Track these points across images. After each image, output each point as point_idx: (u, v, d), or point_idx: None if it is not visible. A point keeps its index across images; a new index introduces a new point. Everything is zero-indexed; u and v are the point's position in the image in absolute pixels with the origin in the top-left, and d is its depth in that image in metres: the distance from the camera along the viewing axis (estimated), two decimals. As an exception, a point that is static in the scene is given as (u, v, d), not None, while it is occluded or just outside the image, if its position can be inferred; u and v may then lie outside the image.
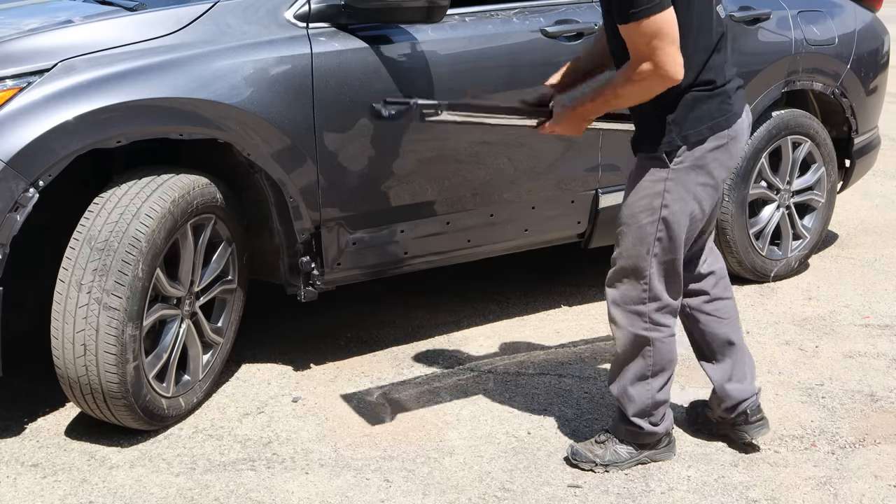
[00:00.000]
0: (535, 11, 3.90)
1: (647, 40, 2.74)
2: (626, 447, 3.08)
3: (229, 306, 3.52)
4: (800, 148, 4.71)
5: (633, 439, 3.08)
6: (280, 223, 3.48)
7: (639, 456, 3.09)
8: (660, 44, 2.74)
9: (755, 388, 3.18)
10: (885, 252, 5.25)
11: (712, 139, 2.90)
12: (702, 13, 2.88)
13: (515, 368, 3.78)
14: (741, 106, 3.00)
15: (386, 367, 3.79)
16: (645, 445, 3.09)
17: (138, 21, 3.25)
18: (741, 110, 2.99)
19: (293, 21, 3.39)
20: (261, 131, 3.27)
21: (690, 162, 2.91)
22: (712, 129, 2.90)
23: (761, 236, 4.69)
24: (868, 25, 4.97)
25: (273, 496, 2.91)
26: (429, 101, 3.03)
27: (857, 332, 4.17)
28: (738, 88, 3.01)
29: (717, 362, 3.18)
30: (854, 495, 2.95)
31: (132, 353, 3.03)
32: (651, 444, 3.09)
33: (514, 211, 3.94)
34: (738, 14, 4.42)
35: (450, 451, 3.17)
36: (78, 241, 3.01)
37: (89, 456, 3.11)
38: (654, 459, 3.11)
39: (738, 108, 2.98)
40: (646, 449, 3.09)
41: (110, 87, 3.03)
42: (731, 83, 2.96)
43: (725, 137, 2.93)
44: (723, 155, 2.94)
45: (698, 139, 2.90)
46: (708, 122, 2.90)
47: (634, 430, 3.07)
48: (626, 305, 3.00)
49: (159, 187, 3.10)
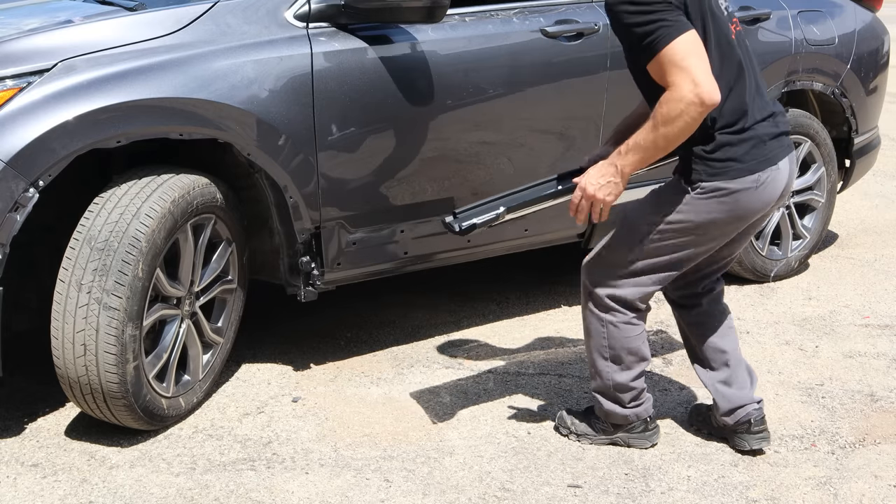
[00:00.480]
0: (535, 11, 3.89)
1: (676, 65, 2.67)
2: (601, 424, 3.17)
3: (229, 306, 3.52)
4: (800, 148, 4.71)
5: (603, 417, 3.16)
6: (280, 223, 3.48)
7: (612, 435, 3.17)
8: (689, 65, 2.66)
9: (756, 397, 3.17)
10: (885, 252, 5.25)
11: (739, 181, 2.84)
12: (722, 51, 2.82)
13: (515, 368, 3.78)
14: (780, 154, 2.91)
15: (386, 367, 3.79)
16: (618, 426, 3.15)
17: (138, 21, 3.24)
18: (778, 158, 2.90)
19: (293, 21, 3.39)
20: (261, 131, 3.27)
21: (711, 196, 2.86)
22: (740, 172, 2.84)
23: (761, 236, 4.69)
24: (868, 25, 4.98)
25: (273, 496, 2.91)
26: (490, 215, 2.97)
27: (857, 332, 4.17)
28: (778, 136, 2.92)
29: (709, 369, 3.19)
30: (854, 495, 2.95)
31: (132, 353, 3.03)
32: (623, 425, 3.15)
33: (513, 211, 3.93)
34: (737, 14, 4.41)
35: (450, 451, 3.17)
36: (78, 241, 3.01)
37: (89, 456, 3.11)
38: (628, 443, 3.17)
39: (775, 154, 2.89)
40: (620, 430, 3.16)
41: (110, 87, 3.03)
42: (763, 125, 2.88)
43: (754, 182, 2.86)
44: (749, 197, 2.87)
45: (725, 177, 2.84)
46: (737, 163, 2.83)
47: (599, 406, 3.15)
48: (589, 285, 3.07)
49: (159, 187, 3.10)
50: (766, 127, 2.89)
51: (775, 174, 2.89)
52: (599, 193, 2.82)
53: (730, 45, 2.86)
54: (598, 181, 2.82)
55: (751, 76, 2.91)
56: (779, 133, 2.92)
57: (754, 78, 2.93)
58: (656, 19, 2.69)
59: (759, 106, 2.90)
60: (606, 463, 3.11)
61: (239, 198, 3.44)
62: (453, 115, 3.68)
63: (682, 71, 2.66)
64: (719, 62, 2.81)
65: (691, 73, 2.66)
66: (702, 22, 2.79)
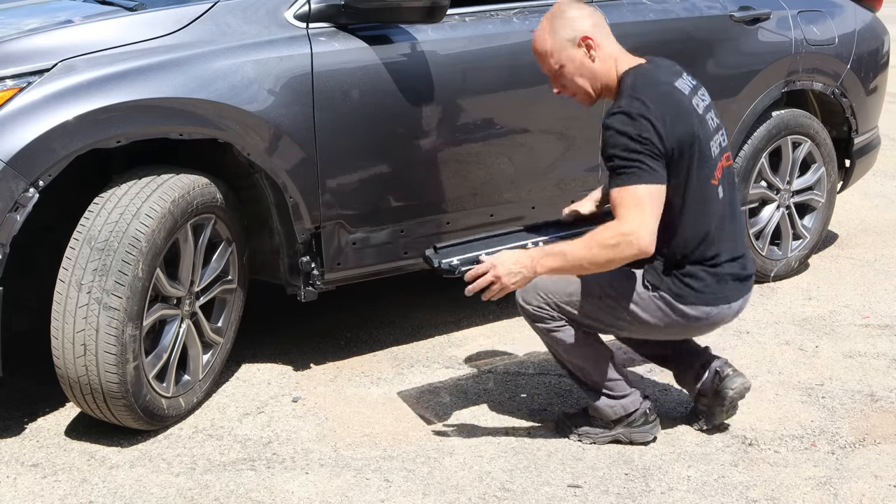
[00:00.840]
0: (535, 11, 3.89)
1: (635, 206, 2.83)
2: (599, 421, 3.21)
3: (229, 306, 3.52)
4: (800, 148, 4.71)
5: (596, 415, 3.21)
6: (280, 223, 3.48)
7: (613, 431, 3.20)
8: (644, 212, 2.83)
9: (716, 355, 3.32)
10: (885, 252, 5.25)
11: (693, 308, 3.02)
12: (702, 195, 2.98)
13: (515, 368, 3.78)
14: (737, 295, 3.07)
15: (386, 367, 3.79)
16: (616, 422, 3.18)
17: (138, 21, 3.25)
18: (734, 299, 3.06)
19: (293, 21, 3.39)
20: (261, 131, 3.27)
21: (660, 303, 3.03)
22: (696, 300, 3.02)
23: (761, 236, 4.69)
24: (868, 25, 4.97)
25: (273, 496, 2.91)
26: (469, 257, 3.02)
27: (857, 332, 4.17)
28: (744, 279, 3.08)
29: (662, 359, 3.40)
30: (854, 495, 2.95)
31: (132, 353, 3.03)
32: (619, 420, 3.18)
33: (514, 211, 3.93)
34: (738, 14, 4.42)
35: (450, 451, 3.17)
36: (78, 241, 3.01)
37: (89, 456, 3.11)
38: (630, 438, 3.19)
39: (733, 295, 3.06)
40: (619, 426, 3.19)
41: (110, 87, 3.03)
42: (732, 265, 3.05)
43: (704, 314, 3.04)
44: (693, 321, 3.06)
45: (680, 299, 3.01)
46: (695, 293, 3.01)
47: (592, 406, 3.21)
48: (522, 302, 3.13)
49: (159, 187, 3.10)
50: (733, 268, 3.05)
51: (726, 312, 3.08)
52: (506, 279, 2.87)
53: (711, 189, 3.00)
54: (511, 268, 2.87)
55: (729, 218, 3.06)
56: (745, 276, 3.09)
57: (734, 220, 3.10)
58: (637, 158, 2.84)
59: (730, 247, 3.06)
60: (606, 463, 3.11)
61: (239, 198, 3.44)
62: (453, 115, 3.68)
63: (637, 213, 2.82)
64: (698, 205, 2.97)
65: (643, 220, 2.81)
66: (686, 170, 2.94)
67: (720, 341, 4.03)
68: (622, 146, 2.85)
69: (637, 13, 4.13)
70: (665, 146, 2.87)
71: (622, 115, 2.88)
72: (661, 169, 2.87)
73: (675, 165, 2.91)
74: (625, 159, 2.85)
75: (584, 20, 3.03)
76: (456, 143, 3.72)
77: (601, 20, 3.08)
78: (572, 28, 3.03)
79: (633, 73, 3.01)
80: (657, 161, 2.86)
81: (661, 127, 2.87)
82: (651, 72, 3.02)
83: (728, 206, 3.07)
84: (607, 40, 3.05)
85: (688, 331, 3.15)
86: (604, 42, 3.04)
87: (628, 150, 2.85)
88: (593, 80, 3.06)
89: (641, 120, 2.86)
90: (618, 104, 2.93)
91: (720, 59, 4.36)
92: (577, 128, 4.01)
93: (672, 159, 2.90)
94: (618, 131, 2.87)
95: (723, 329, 4.13)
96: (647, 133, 2.85)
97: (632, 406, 3.17)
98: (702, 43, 4.31)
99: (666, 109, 2.90)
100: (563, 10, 3.07)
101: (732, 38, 4.40)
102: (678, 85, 3.01)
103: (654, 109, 2.88)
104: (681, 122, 2.91)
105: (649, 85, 2.95)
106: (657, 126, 2.86)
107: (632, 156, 2.84)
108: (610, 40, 3.06)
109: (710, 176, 2.99)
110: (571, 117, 3.98)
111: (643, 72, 3.01)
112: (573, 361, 3.17)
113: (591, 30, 3.02)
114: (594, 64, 3.03)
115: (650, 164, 2.84)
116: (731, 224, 3.08)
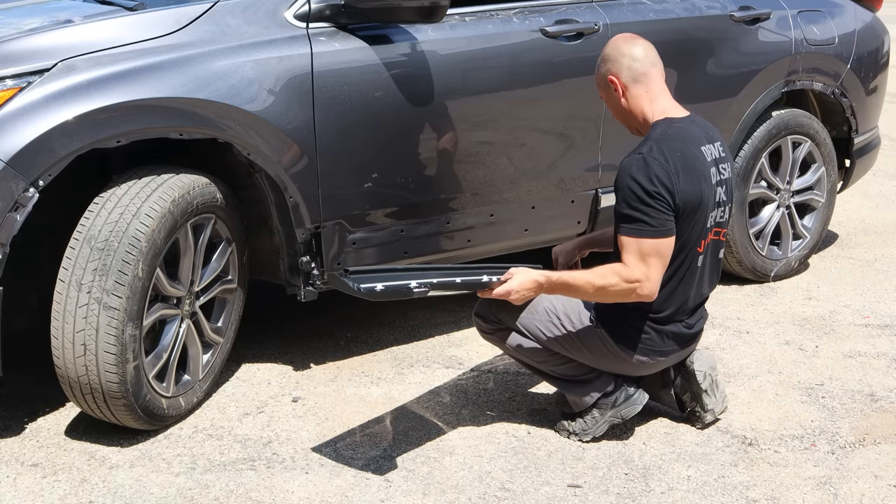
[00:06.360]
0: (535, 11, 3.90)
1: (641, 256, 2.92)
2: (588, 413, 3.24)
3: (229, 306, 3.52)
4: (800, 148, 4.71)
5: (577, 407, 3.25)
6: (280, 223, 3.48)
7: (604, 418, 3.22)
8: (650, 263, 2.92)
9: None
10: (885, 252, 5.25)
11: (624, 349, 3.11)
12: (684, 258, 3.06)
13: (515, 368, 3.78)
14: (673, 351, 3.16)
15: (386, 367, 3.79)
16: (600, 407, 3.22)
17: (138, 21, 3.25)
18: (669, 353, 3.16)
19: (293, 21, 3.39)
20: (261, 131, 3.27)
21: (599, 333, 3.11)
22: (631, 346, 3.11)
23: (761, 236, 4.69)
24: (868, 25, 4.97)
25: (273, 496, 2.91)
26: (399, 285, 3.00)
27: (857, 332, 4.17)
28: (688, 339, 3.18)
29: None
30: (854, 495, 2.95)
31: (132, 352, 3.03)
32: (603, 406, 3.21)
33: (514, 211, 3.94)
34: (738, 14, 4.42)
35: (450, 451, 3.18)
36: (78, 241, 3.01)
37: (89, 456, 3.11)
38: (622, 416, 3.23)
39: (670, 350, 3.16)
40: (606, 410, 3.22)
41: (110, 86, 3.03)
42: (679, 326, 3.13)
43: (636, 361, 3.14)
44: (623, 363, 3.15)
45: (619, 340, 3.11)
46: (633, 341, 3.10)
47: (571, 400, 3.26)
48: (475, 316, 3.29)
49: (159, 187, 3.10)
50: (680, 328, 3.14)
51: (659, 362, 3.18)
52: (514, 296, 2.98)
53: (693, 255, 3.07)
54: (520, 290, 2.97)
55: (696, 282, 3.12)
56: (688, 337, 3.18)
57: (700, 283, 3.14)
58: (648, 212, 2.91)
59: (688, 309, 3.14)
60: (606, 463, 3.11)
61: (239, 198, 3.44)
62: (453, 115, 3.68)
63: (643, 263, 2.92)
64: (676, 266, 3.04)
65: (649, 270, 2.92)
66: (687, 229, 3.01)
67: (720, 341, 4.03)
68: (633, 196, 2.92)
69: (637, 13, 4.13)
70: (675, 201, 2.94)
71: (639, 159, 2.95)
72: (670, 221, 2.94)
73: (679, 220, 2.98)
74: (636, 209, 2.92)
75: (619, 59, 3.09)
76: (456, 143, 3.72)
77: (646, 61, 3.09)
78: (606, 65, 3.12)
79: (665, 123, 3.06)
80: (667, 216, 2.93)
81: (673, 181, 2.93)
82: (682, 129, 3.06)
83: (699, 273, 3.12)
84: (641, 86, 3.08)
85: (620, 371, 3.21)
86: (632, 86, 3.08)
87: (639, 201, 2.91)
88: (626, 119, 3.16)
89: (656, 168, 2.91)
90: (640, 147, 2.99)
91: (720, 58, 4.36)
92: (577, 128, 4.01)
93: (678, 215, 2.97)
94: (631, 177, 2.93)
95: (723, 329, 4.15)
96: (658, 185, 2.91)
97: (604, 385, 3.21)
98: (702, 43, 4.31)
99: (681, 167, 2.96)
100: (610, 43, 3.16)
101: (732, 38, 4.40)
102: (704, 150, 3.05)
103: (671, 164, 2.94)
104: (690, 184, 2.97)
105: (675, 139, 3.00)
106: (669, 179, 2.92)
107: (644, 208, 2.91)
108: (647, 85, 3.09)
109: (697, 244, 3.06)
110: (571, 117, 3.98)
111: (676, 125, 3.06)
112: (533, 359, 3.24)
113: (620, 71, 3.08)
114: (623, 104, 3.11)
115: (660, 218, 2.92)
116: (697, 287, 3.14)
